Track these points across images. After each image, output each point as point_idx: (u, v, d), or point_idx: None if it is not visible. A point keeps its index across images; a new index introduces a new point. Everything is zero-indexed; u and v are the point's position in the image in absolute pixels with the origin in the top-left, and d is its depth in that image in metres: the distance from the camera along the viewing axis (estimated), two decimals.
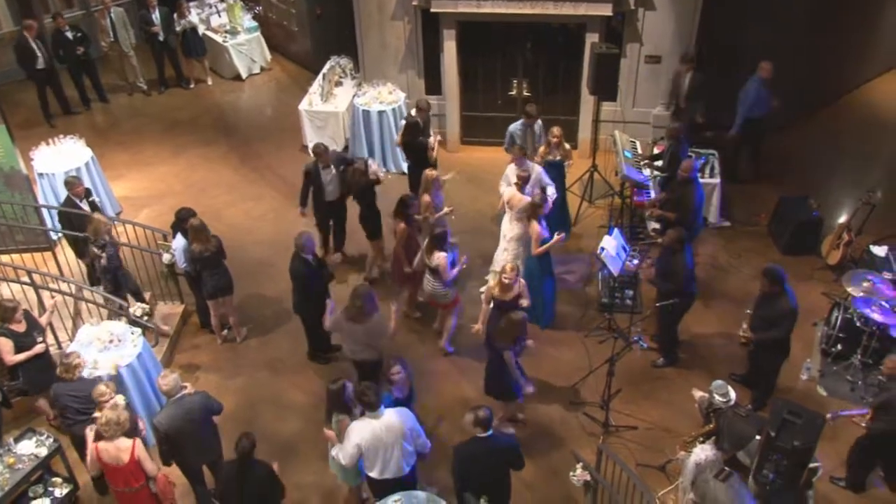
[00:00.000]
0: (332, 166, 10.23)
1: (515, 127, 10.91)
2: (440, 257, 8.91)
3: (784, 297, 8.04)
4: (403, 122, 11.38)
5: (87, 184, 10.84)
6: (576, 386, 9.07)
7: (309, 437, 8.64)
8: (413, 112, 11.22)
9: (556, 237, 9.26)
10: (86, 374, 7.94)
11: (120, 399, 7.42)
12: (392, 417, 6.94)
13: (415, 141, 10.96)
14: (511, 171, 10.12)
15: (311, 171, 10.25)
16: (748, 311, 8.54)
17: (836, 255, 10.35)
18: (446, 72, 12.51)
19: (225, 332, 9.89)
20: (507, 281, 8.45)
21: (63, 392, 7.58)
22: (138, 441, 7.06)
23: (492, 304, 8.66)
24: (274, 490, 6.95)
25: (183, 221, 9.29)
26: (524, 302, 8.60)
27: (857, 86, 14.32)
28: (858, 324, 8.87)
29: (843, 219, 10.75)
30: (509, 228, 9.79)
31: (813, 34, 12.35)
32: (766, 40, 12.17)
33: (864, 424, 7.54)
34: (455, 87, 12.70)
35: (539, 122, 10.98)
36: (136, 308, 9.24)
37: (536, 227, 9.23)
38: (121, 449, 6.95)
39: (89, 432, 7.21)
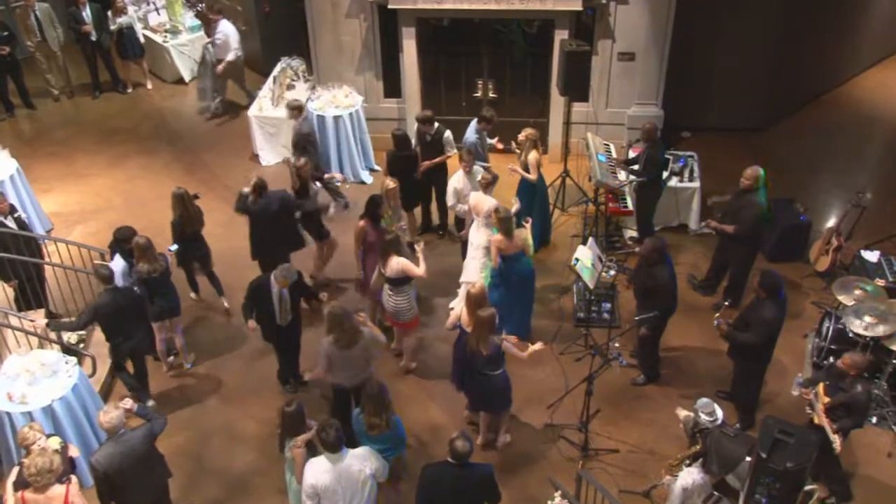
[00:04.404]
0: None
1: (471, 139, 10.53)
2: (399, 261, 8.64)
3: (769, 306, 7.91)
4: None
5: (13, 199, 10.39)
6: (552, 407, 8.82)
7: (263, 470, 8.39)
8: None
9: None
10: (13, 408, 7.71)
11: (53, 442, 6.93)
12: (352, 464, 6.61)
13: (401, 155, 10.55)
14: (459, 182, 9.89)
15: None
16: (726, 302, 8.91)
17: (826, 262, 10.16)
18: (406, 73, 12.22)
19: (171, 358, 9.50)
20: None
21: None
22: (72, 486, 6.61)
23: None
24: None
25: (123, 241, 8.97)
26: None
27: (843, 81, 14.33)
28: (851, 334, 8.61)
29: (831, 223, 10.69)
30: (476, 235, 9.57)
31: (793, 27, 12.32)
32: (745, 34, 12.22)
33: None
34: (416, 90, 12.38)
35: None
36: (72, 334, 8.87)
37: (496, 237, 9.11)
38: (52, 498, 6.48)
39: (11, 478, 6.75)
